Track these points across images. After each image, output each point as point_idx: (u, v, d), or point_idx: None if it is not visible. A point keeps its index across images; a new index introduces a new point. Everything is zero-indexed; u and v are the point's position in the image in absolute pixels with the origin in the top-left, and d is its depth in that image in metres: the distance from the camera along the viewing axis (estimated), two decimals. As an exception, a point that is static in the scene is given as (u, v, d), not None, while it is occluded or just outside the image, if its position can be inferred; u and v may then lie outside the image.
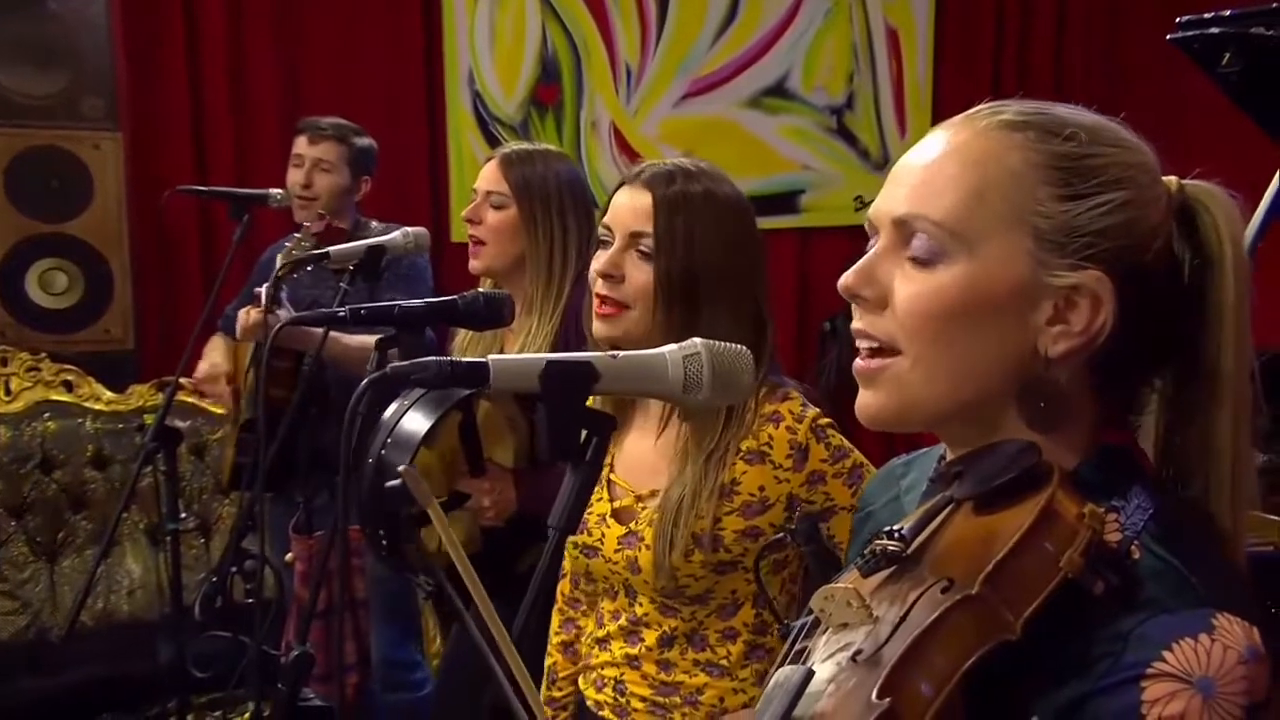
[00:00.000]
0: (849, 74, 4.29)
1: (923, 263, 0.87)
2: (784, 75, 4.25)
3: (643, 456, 1.71)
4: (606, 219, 1.71)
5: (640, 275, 1.65)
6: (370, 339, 2.75)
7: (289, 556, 2.21)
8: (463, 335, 2.40)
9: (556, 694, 1.86)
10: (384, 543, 1.88)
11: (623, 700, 1.70)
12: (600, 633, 1.75)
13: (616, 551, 1.68)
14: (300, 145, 3.17)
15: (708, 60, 4.20)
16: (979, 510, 0.83)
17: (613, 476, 1.74)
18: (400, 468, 0.85)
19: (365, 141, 3.20)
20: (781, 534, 0.97)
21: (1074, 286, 0.85)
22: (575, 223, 2.31)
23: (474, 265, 2.35)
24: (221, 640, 2.27)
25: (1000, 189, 0.86)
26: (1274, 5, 2.16)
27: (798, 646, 0.87)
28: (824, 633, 0.85)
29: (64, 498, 3.62)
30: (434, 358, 0.88)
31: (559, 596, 1.89)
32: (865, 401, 0.91)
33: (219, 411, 3.80)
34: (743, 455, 1.61)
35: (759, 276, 1.68)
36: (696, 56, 4.19)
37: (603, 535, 1.70)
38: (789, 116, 4.29)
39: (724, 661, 1.64)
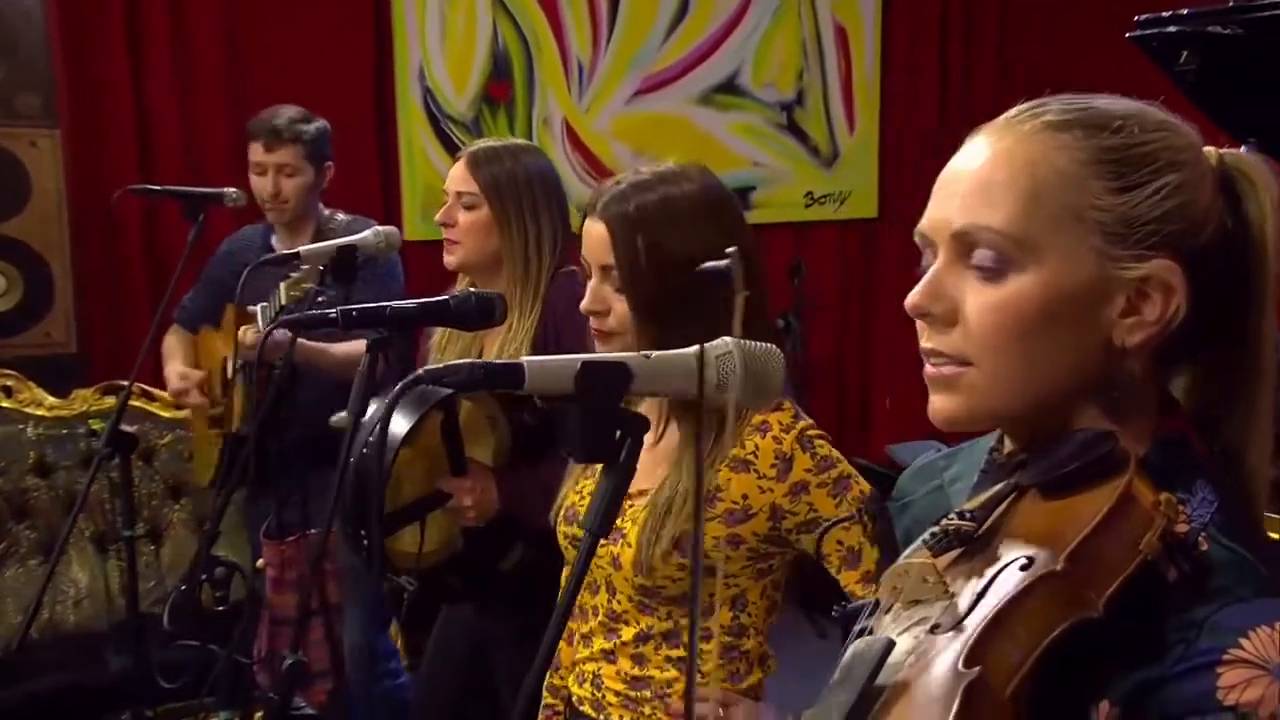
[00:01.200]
0: (798, 71, 4.32)
1: (990, 274, 0.87)
2: (734, 72, 4.26)
3: (641, 456, 1.70)
4: (584, 251, 1.70)
5: (620, 305, 1.64)
6: (345, 346, 2.73)
7: (260, 562, 2.17)
8: (440, 335, 2.38)
9: (558, 681, 1.86)
10: (365, 544, 1.86)
11: (599, 694, 1.70)
12: (584, 628, 1.75)
13: (601, 546, 1.67)
14: (257, 152, 3.08)
15: (659, 57, 4.20)
16: (1049, 495, 0.83)
17: None
18: (728, 250, 0.85)
19: (318, 126, 3.12)
20: (851, 513, 0.96)
21: (1144, 277, 0.86)
22: (549, 217, 2.29)
23: (448, 261, 2.32)
24: (188, 649, 2.23)
25: (1054, 192, 0.86)
26: (1230, 4, 2.21)
27: (859, 626, 0.87)
28: (888, 611, 0.85)
29: (5, 507, 3.53)
30: (466, 360, 0.87)
31: None
32: (939, 406, 0.90)
33: (167, 415, 3.74)
34: (728, 463, 1.60)
35: (748, 272, 1.65)
36: (648, 53, 4.19)
37: None
38: (739, 113, 4.30)
39: (696, 659, 1.64)
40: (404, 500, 1.94)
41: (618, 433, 0.88)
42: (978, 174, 0.89)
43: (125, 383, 3.62)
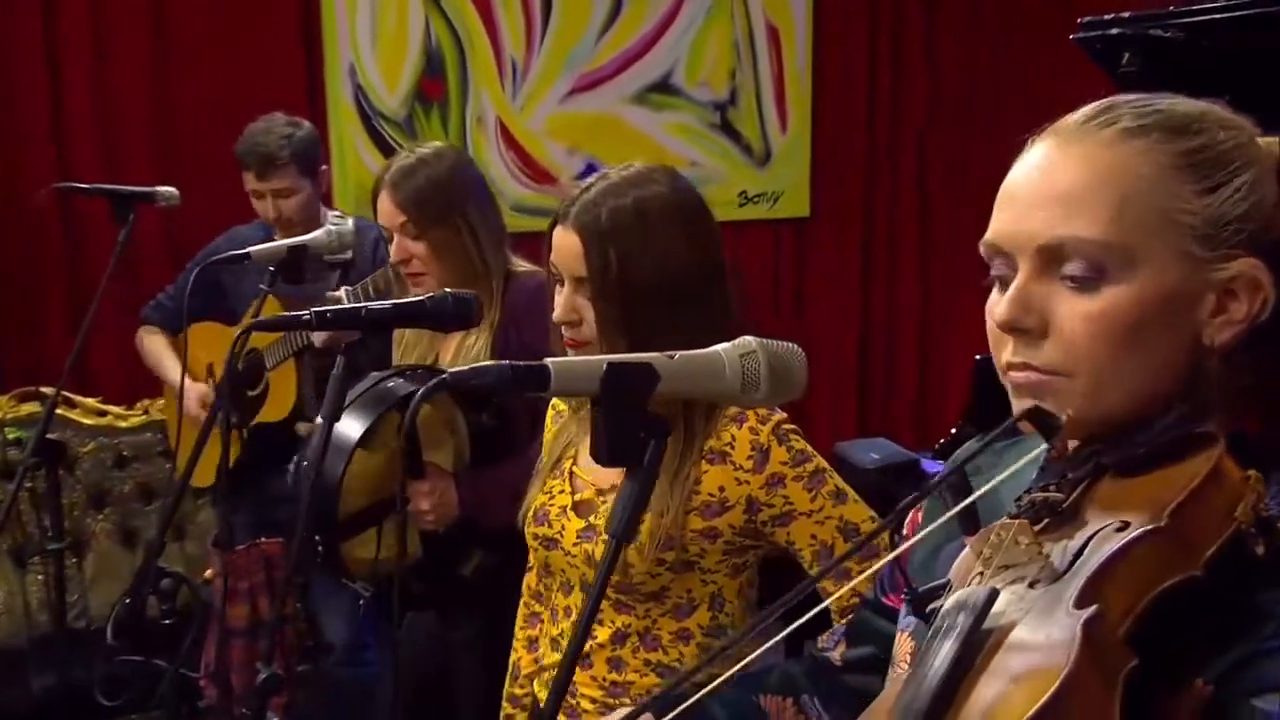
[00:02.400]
0: (731, 70, 4.32)
1: (1084, 284, 0.87)
2: (669, 71, 4.25)
3: None
4: (552, 258, 1.66)
5: (593, 315, 1.61)
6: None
7: (209, 573, 2.10)
8: (397, 339, 2.33)
9: (518, 691, 1.83)
10: (320, 549, 1.82)
11: (573, 701, 1.68)
12: (554, 630, 1.73)
13: (575, 545, 1.65)
14: (250, 181, 2.99)
15: (594, 56, 4.17)
16: (1132, 473, 0.84)
17: (575, 469, 1.71)
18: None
19: (304, 135, 3.02)
20: (926, 489, 0.94)
21: (1233, 277, 0.87)
22: (481, 217, 2.26)
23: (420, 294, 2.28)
24: (127, 663, 2.15)
25: (1144, 197, 0.87)
26: (1170, 8, 2.27)
27: (930, 609, 0.86)
28: (963, 586, 0.84)
29: (-82, 519, 3.37)
30: (494, 363, 0.85)
31: (524, 590, 1.85)
32: None
33: (89, 423, 3.62)
34: (705, 455, 1.59)
35: (712, 277, 1.62)
36: (582, 51, 4.16)
37: (563, 528, 1.68)
38: (674, 113, 4.29)
39: (676, 664, 1.62)
40: (361, 504, 1.89)
41: (641, 435, 0.86)
42: (1061, 184, 0.88)
43: (43, 389, 3.52)
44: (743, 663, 1.13)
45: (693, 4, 4.23)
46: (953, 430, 2.68)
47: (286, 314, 1.49)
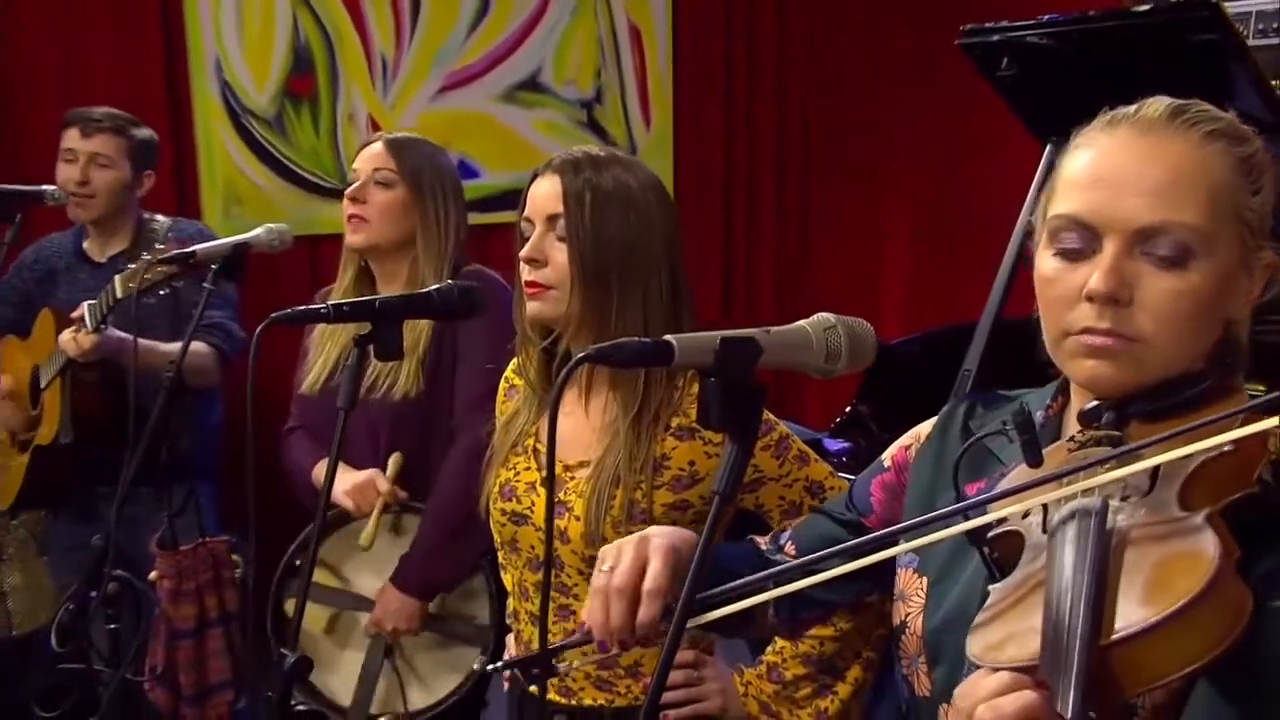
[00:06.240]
0: (597, 69, 4.42)
1: (1172, 263, 1.02)
2: (536, 69, 4.32)
3: (571, 428, 1.76)
4: (526, 211, 1.74)
5: (561, 257, 1.70)
6: (174, 346, 2.61)
7: (154, 575, 2.08)
8: (320, 329, 2.35)
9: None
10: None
11: (568, 680, 1.74)
12: (533, 607, 1.77)
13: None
14: (71, 139, 2.89)
15: (463, 53, 4.20)
16: (1163, 418, 0.99)
17: (539, 446, 1.77)
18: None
19: (145, 133, 2.98)
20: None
21: (1267, 264, 1.07)
22: (457, 210, 2.38)
23: (353, 240, 2.34)
24: (67, 673, 2.10)
25: (1224, 193, 1.04)
26: (1045, 18, 2.50)
27: (993, 535, 1.00)
28: (1022, 509, 0.97)
29: None
30: (632, 338, 0.93)
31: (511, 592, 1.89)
32: (1102, 373, 1.04)
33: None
34: (673, 431, 1.69)
35: (670, 255, 1.74)
36: (452, 49, 4.18)
37: (533, 503, 1.74)
38: (543, 110, 4.36)
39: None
40: None
41: (746, 401, 0.96)
42: (1159, 174, 1.03)
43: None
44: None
45: (558, 3, 4.30)
46: (846, 409, 2.87)
47: (303, 308, 1.50)
